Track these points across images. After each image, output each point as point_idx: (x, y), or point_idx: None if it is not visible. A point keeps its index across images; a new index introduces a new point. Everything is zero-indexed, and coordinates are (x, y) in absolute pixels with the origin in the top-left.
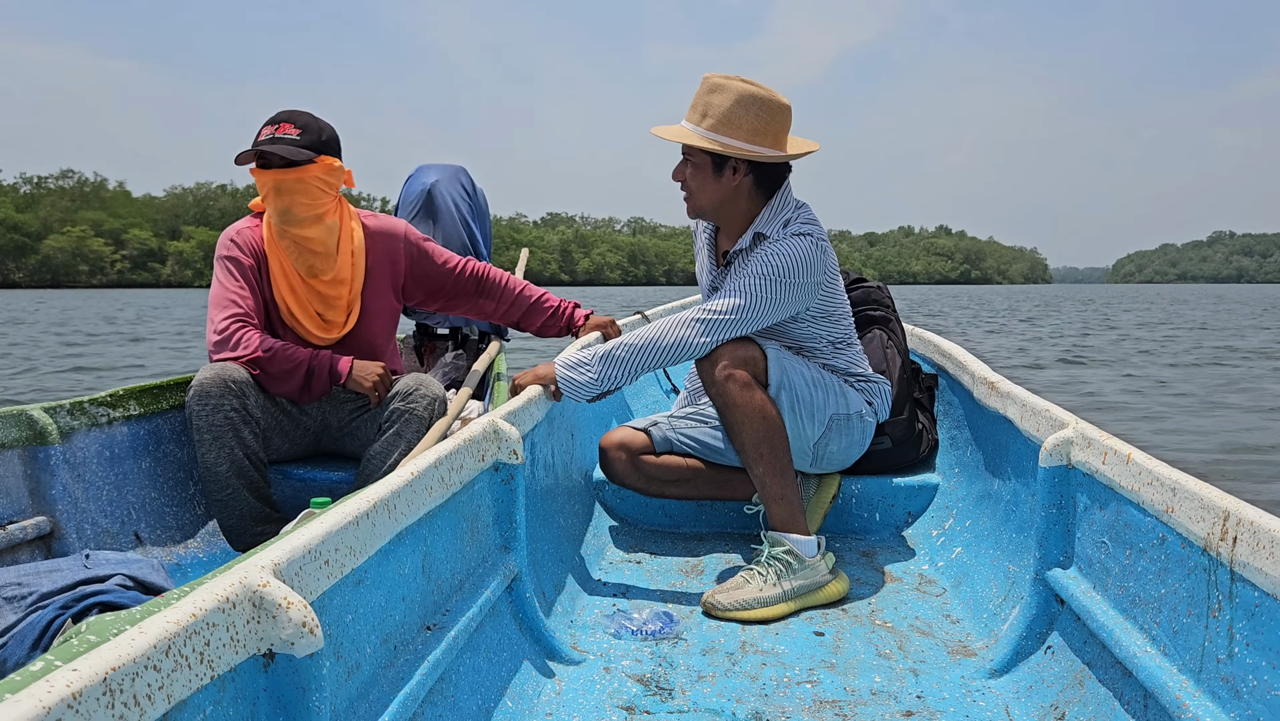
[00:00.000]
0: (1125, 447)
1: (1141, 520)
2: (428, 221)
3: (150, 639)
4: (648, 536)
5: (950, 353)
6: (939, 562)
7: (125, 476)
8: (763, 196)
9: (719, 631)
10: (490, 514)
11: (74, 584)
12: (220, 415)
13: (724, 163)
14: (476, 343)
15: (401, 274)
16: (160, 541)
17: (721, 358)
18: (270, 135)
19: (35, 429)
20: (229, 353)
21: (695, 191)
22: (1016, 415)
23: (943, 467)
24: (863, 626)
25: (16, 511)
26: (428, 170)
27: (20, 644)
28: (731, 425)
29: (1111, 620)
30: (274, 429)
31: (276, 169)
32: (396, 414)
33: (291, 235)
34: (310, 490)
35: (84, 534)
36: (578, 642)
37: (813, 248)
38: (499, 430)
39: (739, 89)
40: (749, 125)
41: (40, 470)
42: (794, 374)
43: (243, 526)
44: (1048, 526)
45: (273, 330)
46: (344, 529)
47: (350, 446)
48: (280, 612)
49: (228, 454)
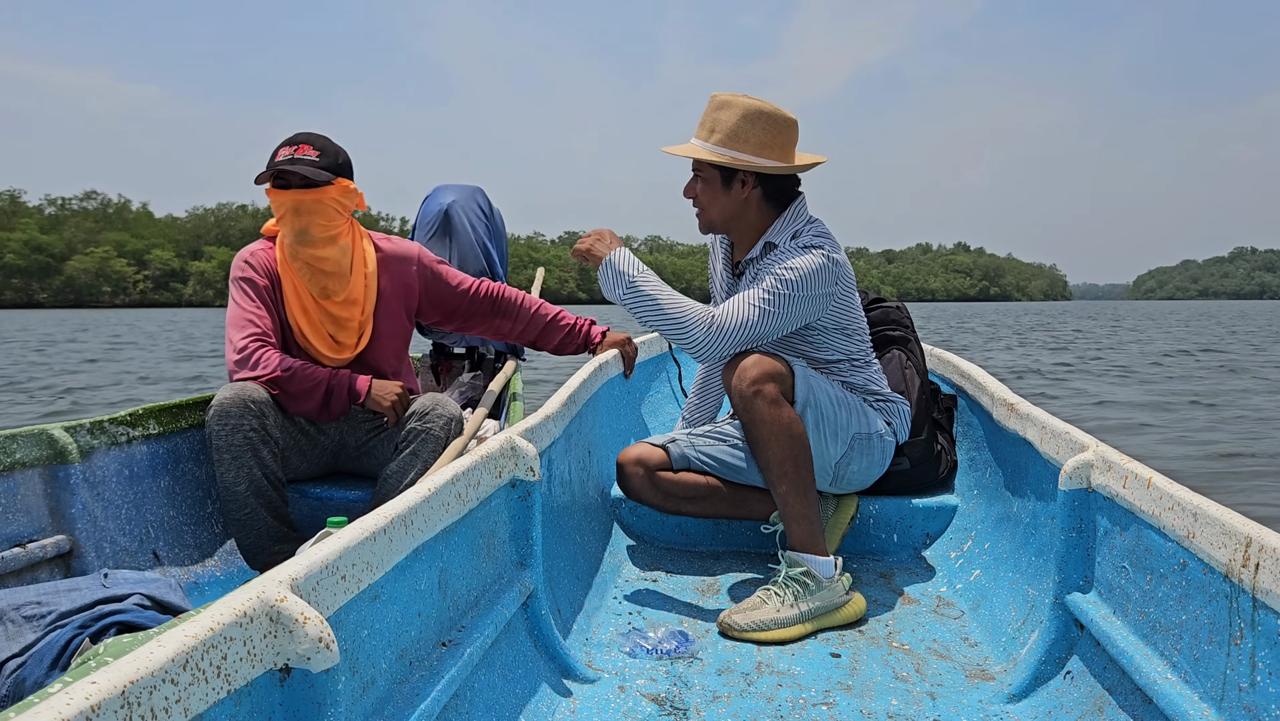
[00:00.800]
0: (1146, 471)
1: (1162, 545)
2: (445, 241)
3: (168, 652)
4: (664, 554)
5: (969, 373)
6: (957, 585)
7: (144, 495)
8: (773, 209)
9: (735, 651)
10: (507, 530)
11: (92, 603)
12: (240, 435)
13: (732, 176)
14: (493, 362)
15: (415, 296)
16: (178, 560)
17: (749, 372)
18: (289, 156)
19: (56, 448)
20: (249, 372)
21: (706, 206)
22: (1036, 437)
23: (961, 489)
24: (880, 648)
25: (36, 530)
26: (445, 191)
27: (39, 663)
28: (757, 441)
29: (1132, 646)
30: (292, 448)
31: (295, 189)
32: (413, 433)
33: (305, 256)
34: (327, 509)
35: (103, 552)
36: (593, 660)
37: (823, 260)
38: (516, 447)
39: (745, 104)
40: (756, 139)
41: (60, 489)
42: (819, 391)
43: (260, 545)
44: (1067, 550)
45: (287, 350)
46: (361, 544)
47: (367, 465)
48: (297, 627)
49: (246, 473)
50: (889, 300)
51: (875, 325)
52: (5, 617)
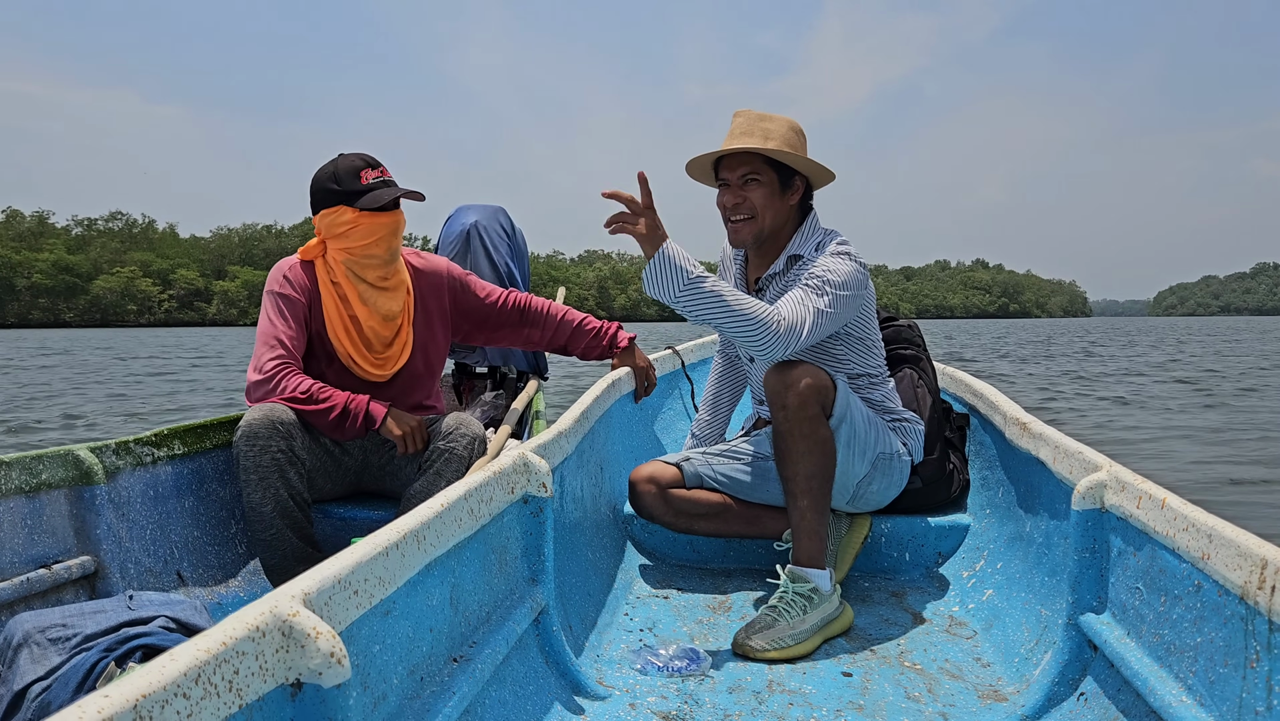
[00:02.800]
0: (1160, 492)
1: (1177, 566)
2: (467, 261)
3: (180, 666)
4: (675, 572)
5: (982, 392)
6: (970, 604)
7: (169, 516)
8: (797, 221)
9: (745, 669)
10: (519, 546)
11: (117, 625)
12: (267, 456)
13: (790, 181)
14: (515, 381)
15: (447, 310)
16: (202, 581)
17: (799, 383)
18: (380, 179)
19: (81, 469)
20: (269, 394)
21: (761, 211)
22: (1049, 457)
23: (974, 508)
24: (891, 667)
25: (62, 551)
26: (468, 211)
27: (65, 686)
28: (789, 452)
29: (1146, 668)
30: (318, 469)
31: (390, 211)
32: (437, 453)
33: (377, 277)
34: (351, 528)
35: (127, 573)
36: (604, 677)
37: (854, 263)
38: (529, 463)
39: (786, 119)
40: (802, 149)
41: (86, 510)
42: (856, 408)
43: (285, 566)
44: (1080, 570)
45: (319, 365)
46: (374, 559)
47: (391, 485)
48: (309, 642)
49: (273, 494)
50: (901, 318)
51: (888, 344)
52: (31, 641)
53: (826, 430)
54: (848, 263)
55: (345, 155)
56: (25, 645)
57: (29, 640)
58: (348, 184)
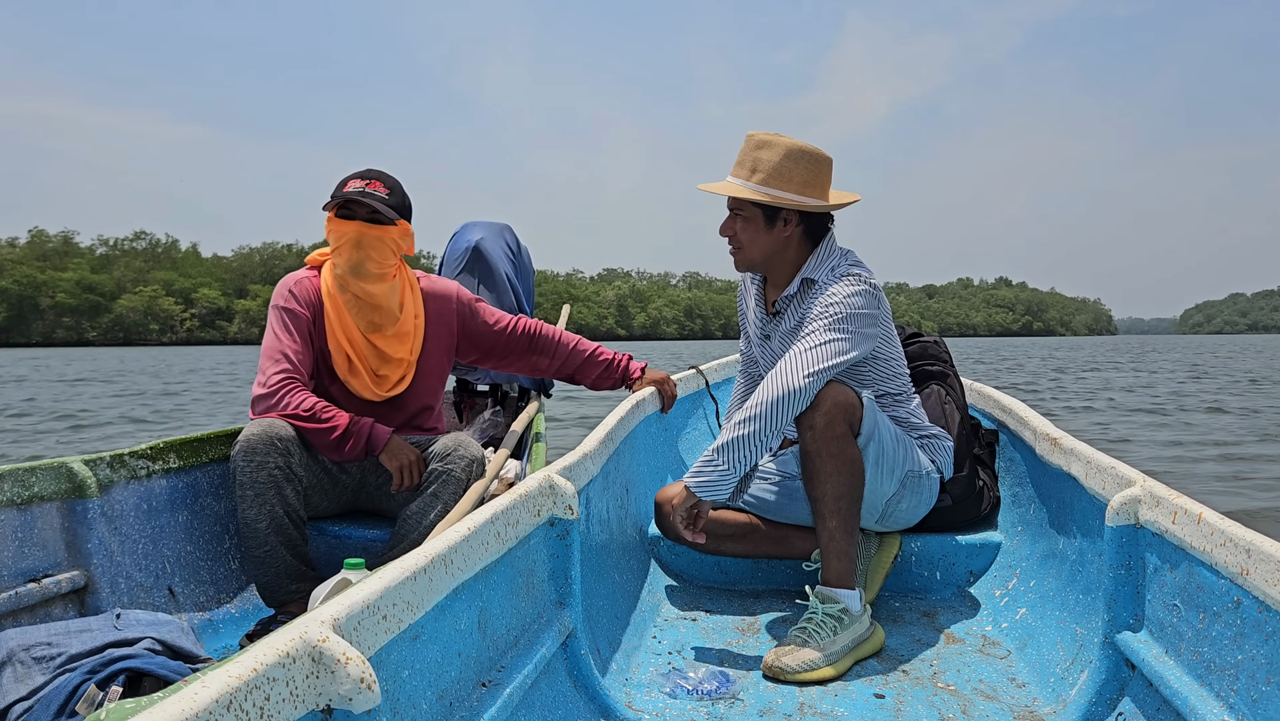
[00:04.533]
0: (1196, 507)
1: (1215, 582)
2: (472, 278)
3: (213, 693)
4: (703, 593)
5: (1011, 408)
6: (1003, 623)
7: (162, 530)
8: (809, 245)
9: (776, 692)
10: (545, 569)
11: (103, 646)
12: (264, 472)
13: (776, 215)
14: (516, 400)
15: (454, 335)
16: (194, 597)
17: (824, 403)
18: (360, 189)
19: (75, 481)
20: (272, 410)
21: (746, 245)
22: (1081, 472)
23: (1005, 526)
24: (924, 689)
25: (52, 565)
26: (473, 228)
27: (45, 709)
28: (817, 473)
29: (1186, 686)
30: (315, 487)
31: (360, 221)
32: (434, 474)
33: (355, 288)
34: (345, 547)
35: (118, 588)
36: (633, 701)
37: (869, 290)
38: (554, 485)
39: (787, 144)
40: (799, 178)
41: (78, 523)
42: (884, 426)
43: (278, 584)
44: (1116, 588)
45: (322, 382)
46: (402, 584)
47: (387, 505)
48: (339, 668)
49: (268, 511)
50: (927, 334)
51: (913, 360)
52: (15, 658)
53: (854, 449)
54: (858, 287)
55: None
56: (9, 663)
57: (13, 658)
58: (336, 190)
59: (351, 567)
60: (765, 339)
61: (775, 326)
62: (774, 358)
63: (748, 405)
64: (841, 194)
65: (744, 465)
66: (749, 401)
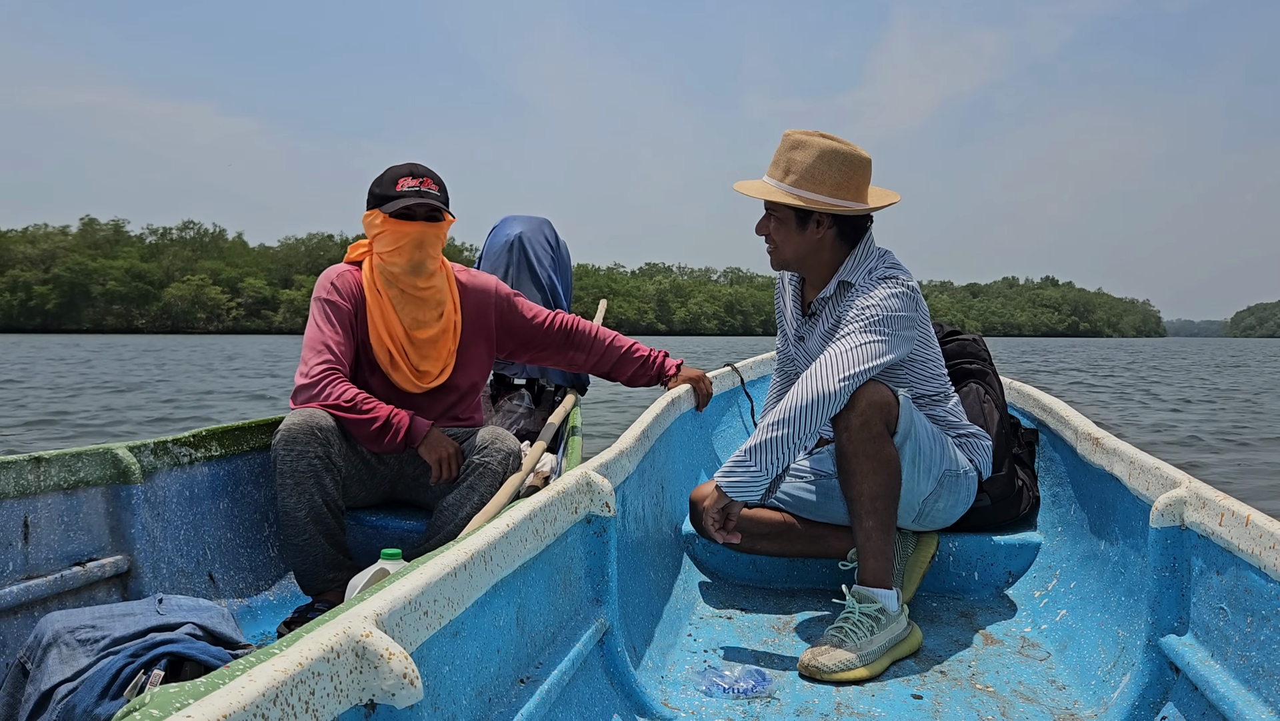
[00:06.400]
0: (1244, 509)
1: (1264, 586)
2: (511, 272)
3: (260, 686)
4: (738, 592)
5: (1051, 407)
6: (1042, 625)
7: (203, 517)
8: (846, 246)
9: (813, 691)
10: (582, 566)
11: (145, 630)
12: (304, 461)
13: (808, 217)
14: (552, 395)
15: (493, 329)
16: (233, 583)
17: (860, 402)
18: (415, 188)
19: (120, 467)
20: (313, 399)
21: (780, 245)
22: (1124, 473)
23: (1044, 526)
24: (963, 690)
25: (97, 549)
26: (513, 222)
27: (90, 690)
28: (853, 473)
29: (1233, 691)
30: (353, 477)
31: (423, 221)
32: (471, 466)
33: (408, 285)
34: (382, 537)
35: (159, 573)
36: (669, 699)
37: (906, 293)
38: (591, 482)
39: (821, 145)
40: (832, 180)
41: (122, 509)
42: (920, 425)
43: (315, 572)
44: (1160, 590)
45: (363, 374)
46: (443, 580)
47: (424, 496)
48: (382, 663)
49: (307, 500)
50: (966, 332)
51: (952, 358)
52: (60, 640)
53: (891, 448)
54: (895, 290)
55: (399, 164)
56: (55, 644)
57: (59, 640)
58: (385, 189)
59: (388, 557)
60: (800, 340)
61: (811, 328)
62: (808, 359)
63: (781, 406)
64: (881, 193)
65: (776, 467)
66: (782, 403)
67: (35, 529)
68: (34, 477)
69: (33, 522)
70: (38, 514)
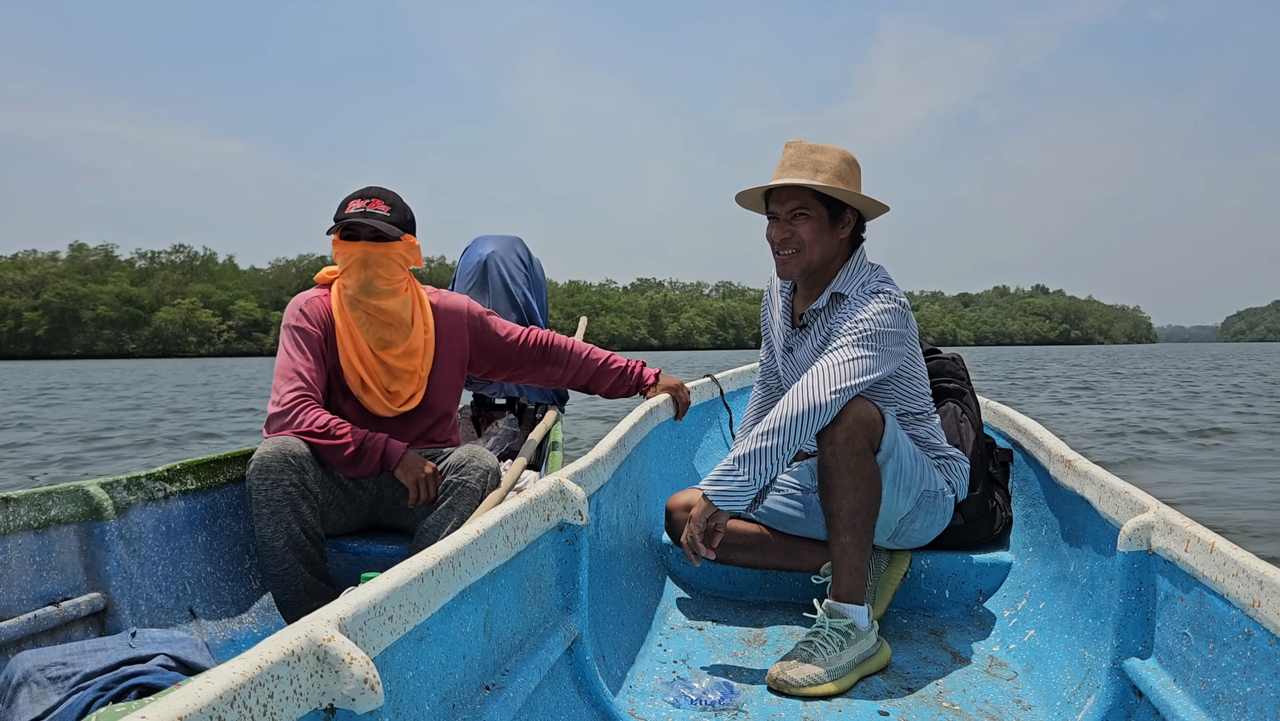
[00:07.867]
0: (1209, 535)
1: (1226, 612)
2: (484, 292)
3: (216, 689)
4: (710, 603)
5: (1026, 428)
6: (1010, 645)
7: (181, 551)
8: (846, 255)
9: (780, 705)
10: (553, 574)
11: (117, 664)
12: (280, 490)
13: (840, 215)
14: (533, 412)
15: (466, 349)
16: (215, 616)
17: (846, 417)
18: (361, 209)
19: (91, 505)
20: (286, 427)
21: (809, 244)
22: (1094, 495)
23: (1016, 546)
24: (929, 708)
25: (71, 588)
26: (485, 241)
27: None
28: (835, 488)
29: (1194, 716)
30: (331, 504)
31: (365, 241)
32: (449, 486)
33: (367, 306)
34: (364, 563)
35: (138, 610)
36: (636, 709)
37: (898, 309)
38: (564, 490)
39: (838, 150)
40: (855, 181)
41: (95, 546)
42: (903, 444)
43: (298, 601)
44: (1126, 613)
45: (335, 399)
46: (409, 585)
47: (404, 520)
48: (343, 667)
49: (285, 528)
50: (944, 351)
51: (930, 376)
52: (31, 679)
53: (873, 465)
54: (888, 305)
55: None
56: (25, 684)
57: (29, 679)
58: (338, 211)
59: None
60: (788, 351)
61: (801, 340)
62: (796, 371)
63: (770, 417)
64: None
65: (764, 477)
66: (771, 414)
67: (6, 569)
68: (2, 518)
69: (3, 563)
70: (8, 554)
